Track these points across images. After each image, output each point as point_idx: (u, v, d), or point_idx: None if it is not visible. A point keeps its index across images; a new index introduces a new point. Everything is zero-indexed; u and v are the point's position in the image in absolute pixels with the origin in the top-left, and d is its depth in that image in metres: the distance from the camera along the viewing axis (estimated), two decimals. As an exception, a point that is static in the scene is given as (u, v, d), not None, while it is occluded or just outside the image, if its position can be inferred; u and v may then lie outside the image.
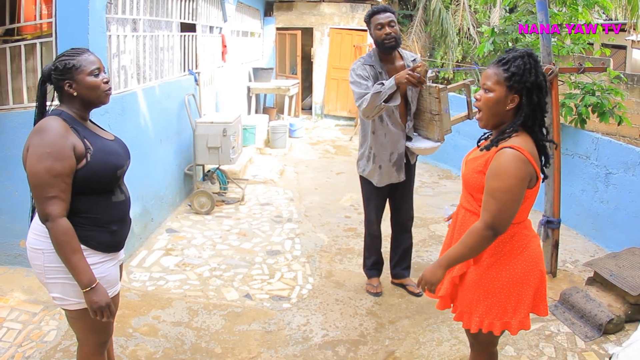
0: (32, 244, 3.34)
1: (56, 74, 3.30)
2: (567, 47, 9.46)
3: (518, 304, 3.44)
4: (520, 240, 3.45)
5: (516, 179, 3.18)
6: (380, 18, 5.54)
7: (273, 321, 5.56)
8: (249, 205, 9.24)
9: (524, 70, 3.26)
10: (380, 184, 5.90)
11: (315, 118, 18.49)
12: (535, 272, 3.45)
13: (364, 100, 5.34)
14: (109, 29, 6.39)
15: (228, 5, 12.27)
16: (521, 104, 3.31)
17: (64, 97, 3.38)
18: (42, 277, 3.37)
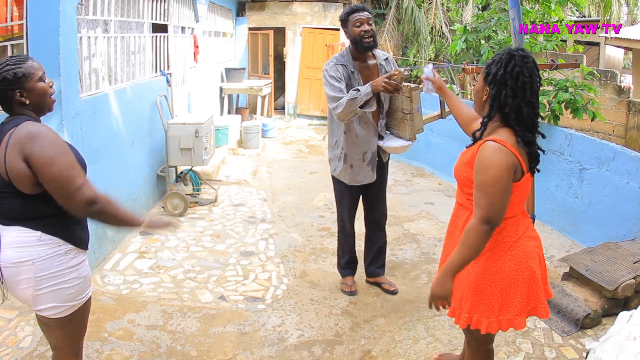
0: (16, 259, 3.25)
1: (4, 84, 3.25)
2: (540, 44, 9.51)
3: (505, 302, 3.46)
4: (509, 236, 3.46)
5: (500, 169, 3.21)
6: (359, 15, 5.54)
7: (248, 322, 5.55)
8: (222, 206, 9.22)
9: (493, 63, 3.38)
10: (353, 183, 5.90)
11: (288, 118, 18.47)
12: (524, 272, 3.44)
13: (339, 105, 5.36)
14: (80, 31, 6.35)
15: (200, 5, 12.23)
16: (489, 97, 3.40)
17: (14, 107, 3.34)
18: (31, 290, 3.31)
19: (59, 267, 3.33)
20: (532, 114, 3.36)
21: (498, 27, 10.26)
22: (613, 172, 7.37)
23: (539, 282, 3.52)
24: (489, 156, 3.26)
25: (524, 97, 3.31)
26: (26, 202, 3.26)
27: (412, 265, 7.04)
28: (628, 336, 3.77)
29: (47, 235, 3.30)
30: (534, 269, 3.48)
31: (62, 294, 3.37)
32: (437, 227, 8.48)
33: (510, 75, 3.29)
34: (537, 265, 3.52)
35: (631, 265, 5.90)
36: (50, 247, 3.30)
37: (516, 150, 3.27)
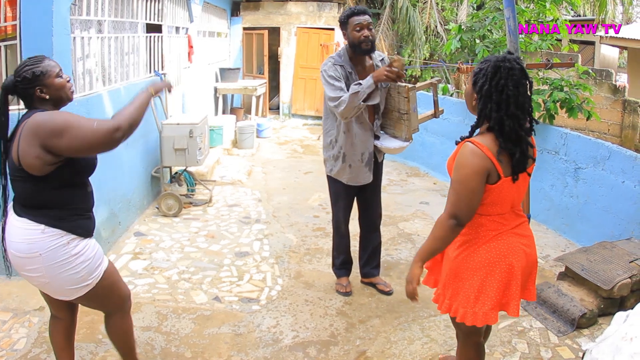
0: (26, 252, 3.54)
1: (24, 83, 3.54)
2: (535, 43, 9.52)
3: (480, 293, 3.54)
4: (490, 230, 3.56)
5: (470, 170, 3.33)
6: (360, 19, 5.49)
7: (243, 324, 5.53)
8: (217, 206, 9.20)
9: (480, 73, 3.47)
10: (351, 183, 5.88)
11: (282, 118, 18.48)
12: (502, 265, 3.51)
13: (341, 102, 5.32)
14: (73, 31, 6.33)
15: (194, 5, 12.22)
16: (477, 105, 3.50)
17: (35, 102, 3.62)
18: (44, 278, 3.62)
19: (64, 257, 3.58)
20: (515, 126, 3.40)
21: (493, 27, 10.26)
22: (608, 171, 7.37)
23: (516, 278, 3.56)
24: (463, 157, 3.40)
25: (508, 110, 3.37)
26: (34, 186, 3.52)
27: (407, 266, 6.98)
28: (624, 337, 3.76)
29: (50, 227, 3.55)
30: (512, 264, 3.53)
31: (73, 278, 3.65)
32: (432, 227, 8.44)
33: (495, 88, 3.37)
34: (519, 262, 3.56)
35: (627, 265, 5.90)
36: (54, 238, 3.55)
37: (492, 155, 3.35)
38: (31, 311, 5.50)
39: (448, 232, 3.43)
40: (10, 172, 3.59)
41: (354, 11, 5.55)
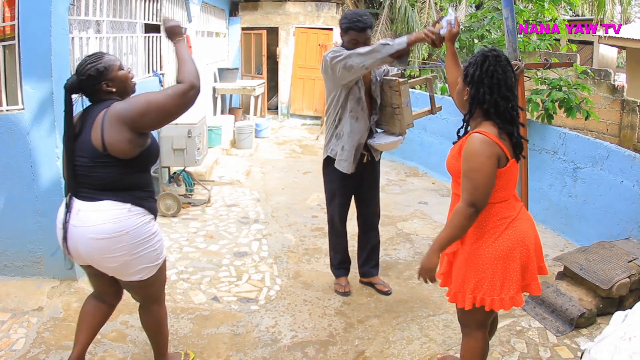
0: (113, 230, 3.76)
1: (90, 80, 3.79)
2: (533, 43, 9.52)
3: (505, 279, 3.69)
4: (504, 218, 3.74)
5: (483, 157, 3.52)
6: (357, 36, 5.43)
7: (241, 324, 5.53)
8: (216, 206, 9.20)
9: (470, 65, 3.70)
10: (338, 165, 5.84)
11: (281, 118, 18.47)
12: (521, 248, 3.70)
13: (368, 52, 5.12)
14: (72, 31, 6.33)
15: (193, 5, 12.21)
16: (469, 96, 3.71)
17: (102, 95, 3.86)
18: (127, 257, 3.86)
19: (147, 234, 3.93)
20: (508, 107, 3.64)
21: (491, 26, 10.26)
22: (607, 171, 7.37)
23: (532, 260, 3.78)
24: (474, 146, 3.56)
25: (500, 92, 3.61)
26: (119, 169, 3.78)
27: (405, 265, 7.03)
28: (623, 336, 3.76)
29: (135, 206, 3.87)
30: (528, 248, 3.74)
31: (151, 256, 3.99)
32: (431, 227, 8.48)
33: (486, 74, 3.61)
34: (532, 244, 3.78)
35: (626, 264, 5.90)
36: (139, 217, 3.88)
37: (499, 140, 3.58)
38: (30, 311, 5.49)
39: (467, 220, 3.58)
40: (89, 158, 3.74)
41: (354, 26, 5.43)
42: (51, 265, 6.03)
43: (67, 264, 4.62)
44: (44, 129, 5.58)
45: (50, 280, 6.05)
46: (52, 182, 5.75)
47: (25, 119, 5.55)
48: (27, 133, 5.58)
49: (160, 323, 4.44)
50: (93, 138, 3.69)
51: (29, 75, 5.51)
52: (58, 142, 5.64)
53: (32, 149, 5.64)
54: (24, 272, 6.07)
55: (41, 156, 5.67)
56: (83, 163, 3.75)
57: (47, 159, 5.69)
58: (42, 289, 5.88)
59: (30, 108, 5.53)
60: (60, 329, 5.25)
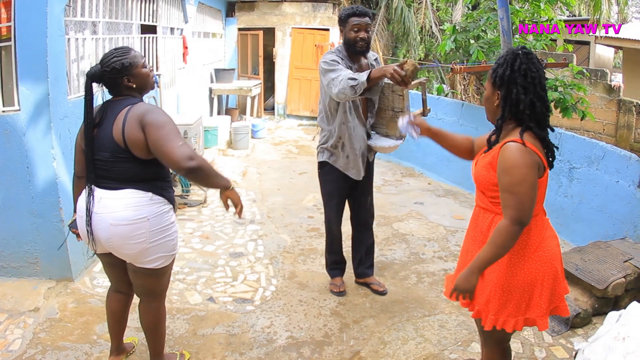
0: (134, 217, 3.87)
1: (113, 73, 3.88)
2: (529, 43, 9.54)
3: (531, 301, 3.52)
4: (535, 236, 3.53)
5: (526, 168, 3.28)
6: (359, 21, 5.50)
7: (237, 324, 5.54)
8: (212, 207, 9.21)
9: (498, 66, 3.44)
10: (346, 172, 5.87)
11: (277, 118, 18.46)
12: (550, 272, 3.50)
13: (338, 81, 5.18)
14: (68, 32, 6.33)
15: (189, 6, 12.23)
16: (501, 99, 3.46)
17: (122, 90, 3.97)
18: (145, 243, 3.95)
19: (166, 223, 4.05)
20: (543, 108, 3.42)
21: (487, 27, 10.26)
22: (603, 171, 7.41)
23: (560, 281, 3.59)
24: (512, 157, 3.31)
25: (535, 92, 3.37)
26: (139, 165, 3.88)
27: (401, 266, 7.04)
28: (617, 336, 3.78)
29: (156, 195, 3.99)
30: (557, 269, 3.55)
31: (168, 245, 4.10)
32: (427, 227, 8.49)
33: (519, 72, 3.35)
34: (559, 264, 3.59)
35: (621, 264, 5.93)
36: (160, 205, 4.00)
37: (536, 148, 3.34)
38: (26, 312, 5.49)
39: (513, 239, 3.35)
40: (110, 153, 3.85)
41: (355, 11, 5.55)
42: (47, 266, 6.04)
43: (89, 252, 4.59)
44: (40, 130, 5.58)
45: (47, 281, 6.05)
46: (48, 183, 5.75)
47: (21, 120, 5.54)
48: (23, 134, 5.57)
49: (159, 321, 4.47)
50: (115, 133, 3.80)
51: (25, 77, 5.51)
52: (54, 143, 5.66)
53: (28, 150, 5.63)
54: (20, 272, 6.07)
55: (37, 157, 5.67)
56: (104, 157, 3.87)
57: (43, 160, 5.69)
58: (39, 289, 5.88)
59: (27, 109, 5.53)
60: (57, 329, 5.24)
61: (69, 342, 4.98)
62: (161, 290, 4.39)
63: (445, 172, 11.41)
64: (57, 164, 5.72)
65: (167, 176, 4.14)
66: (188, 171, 3.70)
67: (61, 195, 5.82)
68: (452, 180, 11.17)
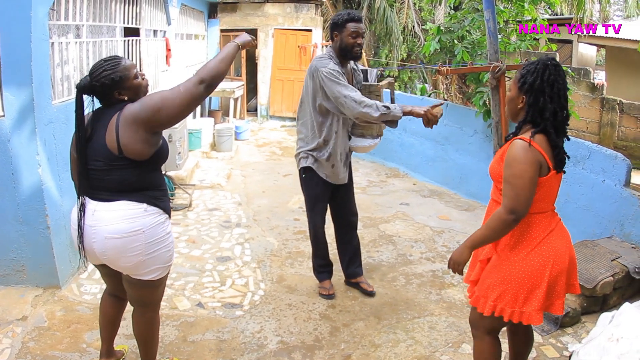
0: (130, 229, 3.80)
1: (104, 88, 3.79)
2: (513, 43, 9.55)
3: (530, 295, 3.68)
4: (540, 231, 3.71)
5: (525, 164, 3.50)
6: (356, 27, 5.57)
7: (227, 329, 5.51)
8: (197, 211, 9.15)
9: (528, 73, 3.65)
10: (329, 180, 5.94)
11: (261, 119, 18.43)
12: (551, 266, 3.64)
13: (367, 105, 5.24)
14: (52, 36, 6.27)
15: (172, 8, 12.17)
16: (526, 104, 3.66)
17: (113, 102, 3.86)
18: (141, 256, 3.88)
19: (162, 234, 3.98)
20: (564, 117, 3.64)
21: (471, 27, 10.25)
22: (589, 170, 7.45)
23: (562, 280, 3.72)
24: (516, 152, 3.55)
25: (559, 102, 3.60)
26: (134, 172, 3.81)
27: (389, 268, 7.04)
28: (611, 337, 3.79)
29: (151, 206, 3.91)
30: (559, 270, 3.69)
31: (164, 256, 4.05)
32: (413, 228, 8.50)
33: (548, 83, 3.57)
34: (564, 263, 3.71)
35: (609, 263, 5.96)
36: (155, 216, 3.93)
37: (541, 148, 3.55)
38: (14, 321, 5.43)
39: (505, 225, 3.58)
40: (104, 161, 3.77)
41: (353, 17, 5.61)
42: (34, 274, 5.99)
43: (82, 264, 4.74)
44: (24, 136, 5.52)
45: (34, 289, 6.00)
46: (33, 190, 5.70)
47: (5, 126, 5.48)
48: (8, 140, 5.51)
49: (153, 330, 4.43)
50: (108, 141, 3.72)
51: (9, 82, 5.44)
52: (39, 149, 5.61)
53: (12, 156, 5.57)
54: (7, 280, 6.01)
55: (22, 163, 5.61)
56: (98, 167, 3.79)
57: (28, 167, 5.63)
58: (26, 297, 5.83)
59: (11, 115, 5.47)
60: (45, 338, 5.19)
61: (59, 351, 4.94)
62: (156, 301, 4.35)
63: (430, 172, 11.43)
64: (42, 170, 5.67)
65: (162, 184, 4.10)
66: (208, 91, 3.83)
67: (47, 202, 5.77)
68: (437, 181, 11.19)
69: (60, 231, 6.04)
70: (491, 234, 3.67)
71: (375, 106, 5.21)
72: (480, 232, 3.73)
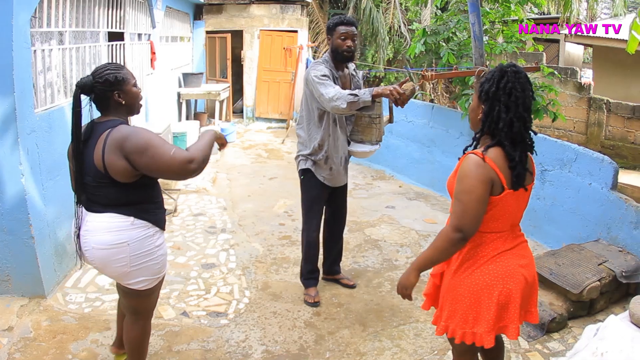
0: (114, 241, 3.86)
1: (105, 85, 3.87)
2: (500, 45, 9.55)
3: (479, 315, 3.49)
4: (490, 250, 3.51)
5: (475, 180, 3.30)
6: (346, 29, 5.71)
7: (211, 339, 5.49)
8: (182, 216, 9.12)
9: (486, 81, 3.44)
10: (328, 183, 6.02)
11: (247, 121, 18.39)
12: (499, 289, 3.45)
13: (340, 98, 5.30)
14: (34, 44, 6.23)
15: (156, 11, 12.12)
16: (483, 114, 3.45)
17: (110, 107, 3.97)
18: (126, 267, 3.94)
19: (149, 247, 4.00)
20: (522, 128, 3.41)
21: (457, 29, 10.25)
22: (575, 173, 7.48)
23: (515, 302, 3.49)
24: (466, 167, 3.36)
25: (517, 112, 3.36)
26: (121, 189, 3.84)
27: (374, 273, 7.04)
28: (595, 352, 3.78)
29: (139, 220, 3.93)
30: (510, 289, 3.46)
31: (152, 269, 4.07)
32: (399, 232, 8.50)
33: (504, 91, 3.35)
34: (517, 285, 3.50)
35: (596, 268, 5.99)
36: (142, 230, 3.95)
37: (495, 164, 3.33)
38: (0, 331, 5.40)
39: (451, 245, 3.40)
40: (92, 177, 3.85)
41: (343, 20, 5.77)
42: (19, 283, 5.95)
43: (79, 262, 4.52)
44: (7, 145, 5.48)
45: (19, 299, 5.95)
46: (16, 200, 5.65)
47: (-13, 136, 5.43)
48: (-10, 149, 5.46)
49: (143, 339, 4.48)
50: (95, 159, 3.78)
51: (-9, 91, 5.39)
52: (22, 159, 5.57)
53: (-5, 166, 5.53)
54: (-7, 290, 5.97)
55: (5, 173, 5.57)
56: (88, 182, 3.87)
57: (11, 176, 5.59)
58: (12, 307, 5.79)
59: (-7, 124, 5.42)
60: (31, 349, 5.17)
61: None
62: (148, 310, 4.41)
63: (415, 174, 11.44)
64: (25, 180, 5.63)
65: (155, 198, 4.13)
66: (194, 173, 3.81)
67: (31, 211, 5.73)
68: (422, 183, 11.21)
69: (44, 240, 6.01)
70: (437, 254, 3.49)
71: (344, 97, 5.27)
72: (426, 253, 3.55)
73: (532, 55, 16.65)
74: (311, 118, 5.85)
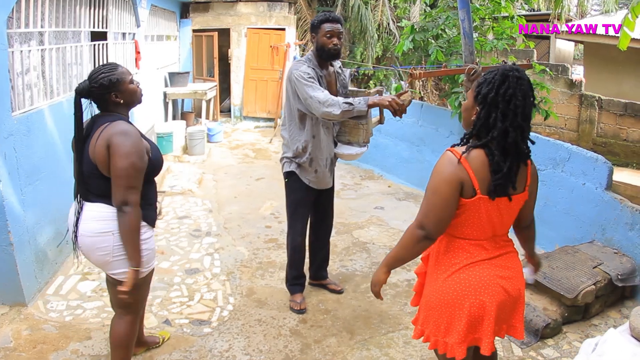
0: (100, 229, 4.02)
1: (101, 89, 4.02)
2: (490, 42, 9.45)
3: (449, 325, 3.37)
4: (461, 258, 3.37)
5: (442, 178, 3.20)
6: (331, 27, 5.57)
7: (194, 349, 5.35)
8: (167, 219, 8.98)
9: (484, 82, 3.23)
10: (313, 185, 5.91)
11: (234, 120, 18.28)
12: (471, 300, 3.29)
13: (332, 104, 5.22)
14: (12, 45, 6.09)
15: (141, 10, 11.98)
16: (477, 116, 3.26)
17: (109, 106, 4.12)
18: (109, 257, 4.07)
19: None
20: (518, 139, 3.18)
21: (446, 26, 10.15)
22: (568, 173, 7.41)
23: (489, 315, 3.30)
24: (439, 164, 3.27)
25: (514, 121, 3.15)
26: (107, 182, 3.94)
27: (362, 277, 6.92)
28: (594, 369, 3.65)
29: None
30: (484, 302, 3.29)
31: None
32: (388, 234, 8.40)
33: (503, 97, 3.13)
34: (493, 297, 3.31)
35: (590, 271, 5.93)
36: None
37: (471, 167, 3.17)
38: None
39: (414, 241, 3.31)
40: (87, 168, 4.02)
41: (328, 18, 5.62)
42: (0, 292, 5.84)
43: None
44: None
45: (0, 307, 5.84)
46: (-6, 205, 5.51)
47: (-36, 139, 5.31)
48: (-34, 155, 5.33)
49: (128, 338, 4.46)
50: (90, 151, 3.96)
51: (-34, 95, 5.26)
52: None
53: (-28, 172, 5.39)
54: (-27, 299, 5.85)
55: (-18, 179, 5.42)
56: (84, 172, 4.05)
57: (-11, 180, 5.45)
58: (-8, 316, 5.67)
59: (-31, 128, 5.29)
60: (11, 359, 5.06)
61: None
62: (133, 305, 4.40)
63: (404, 174, 11.36)
64: (3, 185, 5.48)
65: (146, 195, 4.19)
66: (117, 210, 3.92)
67: (9, 218, 5.58)
68: (412, 183, 11.12)
69: (24, 247, 5.88)
70: (403, 251, 3.41)
71: (338, 104, 5.18)
72: (394, 250, 3.49)
73: (523, 52, 16.57)
74: (292, 119, 5.74)
